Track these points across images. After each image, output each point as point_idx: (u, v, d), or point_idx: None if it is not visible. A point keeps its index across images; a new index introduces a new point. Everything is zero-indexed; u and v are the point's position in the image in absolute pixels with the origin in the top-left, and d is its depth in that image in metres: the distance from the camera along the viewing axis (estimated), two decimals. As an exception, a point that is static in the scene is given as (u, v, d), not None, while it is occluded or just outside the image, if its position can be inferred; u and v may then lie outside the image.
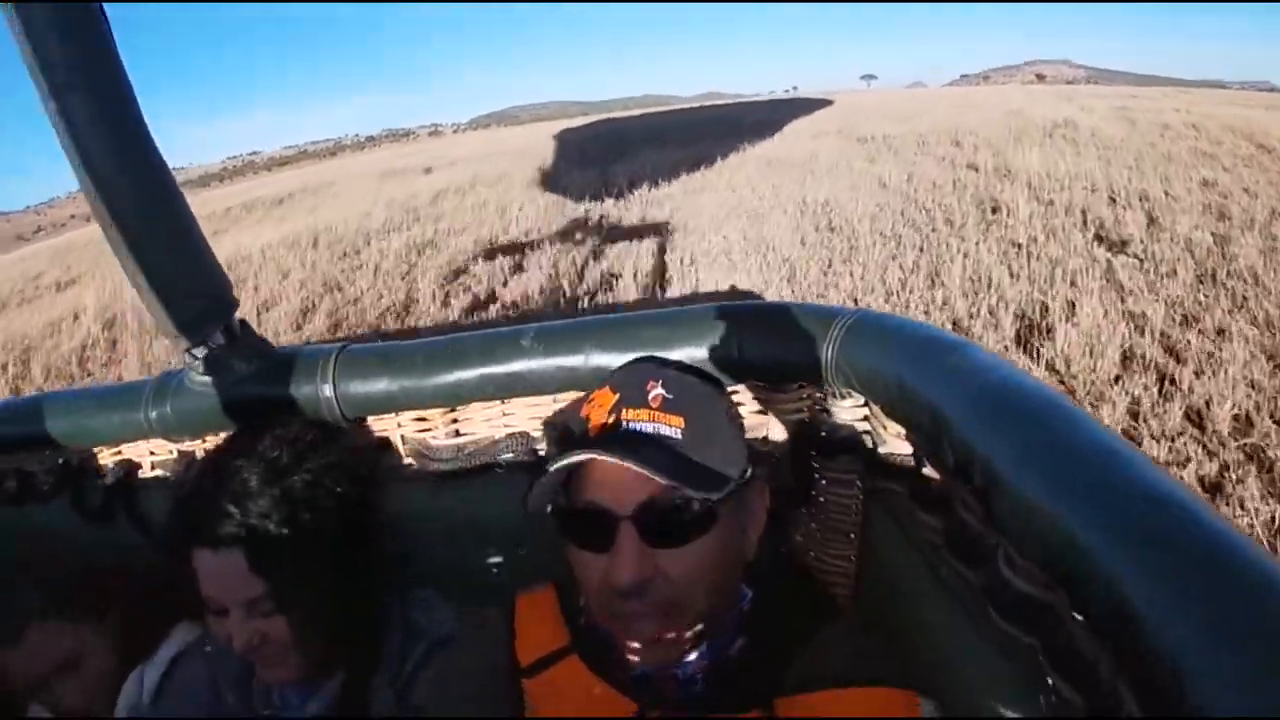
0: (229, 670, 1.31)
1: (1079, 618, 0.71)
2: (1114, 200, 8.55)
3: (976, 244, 7.33)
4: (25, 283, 15.44)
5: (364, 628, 1.29)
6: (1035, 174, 10.22)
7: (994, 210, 8.69)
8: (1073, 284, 5.93)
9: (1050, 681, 0.76)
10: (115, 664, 1.38)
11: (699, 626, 0.99)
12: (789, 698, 0.93)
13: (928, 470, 1.04)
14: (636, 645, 0.99)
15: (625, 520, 0.94)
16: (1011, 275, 6.34)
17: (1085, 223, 7.76)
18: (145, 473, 1.55)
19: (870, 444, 1.19)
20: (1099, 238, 7.25)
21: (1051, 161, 10.83)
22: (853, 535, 1.24)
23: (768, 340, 1.19)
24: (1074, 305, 5.50)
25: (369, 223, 13.34)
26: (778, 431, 1.28)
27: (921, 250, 7.43)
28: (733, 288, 6.93)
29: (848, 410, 1.21)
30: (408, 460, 1.44)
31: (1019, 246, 7.10)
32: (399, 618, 1.31)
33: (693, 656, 1.01)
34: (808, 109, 25.53)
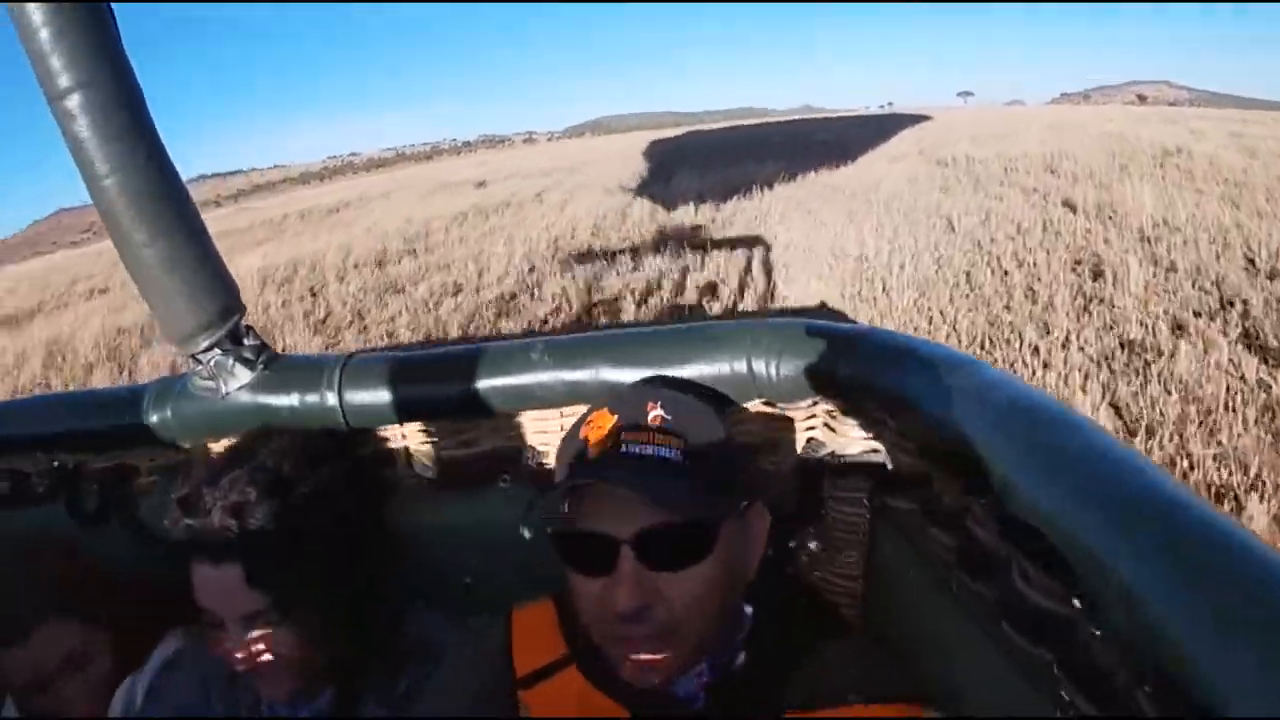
0: (218, 680, 1.29)
1: (1095, 631, 0.72)
2: (1252, 264, 6.10)
3: (1066, 340, 4.94)
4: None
5: (361, 641, 1.27)
6: (1148, 218, 8.19)
7: (1095, 275, 6.36)
8: (1216, 437, 3.53)
9: (1065, 696, 0.75)
10: (118, 668, 1.36)
11: (696, 648, 0.98)
12: (796, 713, 0.93)
13: (938, 486, 1.04)
14: (633, 669, 0.97)
15: (625, 545, 0.93)
16: (1121, 417, 3.90)
17: (1223, 303, 5.26)
18: (143, 478, 1.54)
19: (880, 461, 1.19)
20: (1248, 338, 4.64)
21: (1167, 201, 8.77)
22: (860, 553, 1.23)
23: (778, 357, 1.18)
24: (1236, 495, 3.16)
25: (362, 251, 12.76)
26: (786, 449, 1.27)
27: (982, 348, 5.11)
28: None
29: (857, 428, 1.20)
30: (412, 471, 1.43)
31: (1133, 350, 4.68)
32: (396, 630, 1.29)
33: (694, 674, 1.01)
34: (895, 126, 24.70)
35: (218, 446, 1.41)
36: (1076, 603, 0.74)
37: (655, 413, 0.99)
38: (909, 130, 23.30)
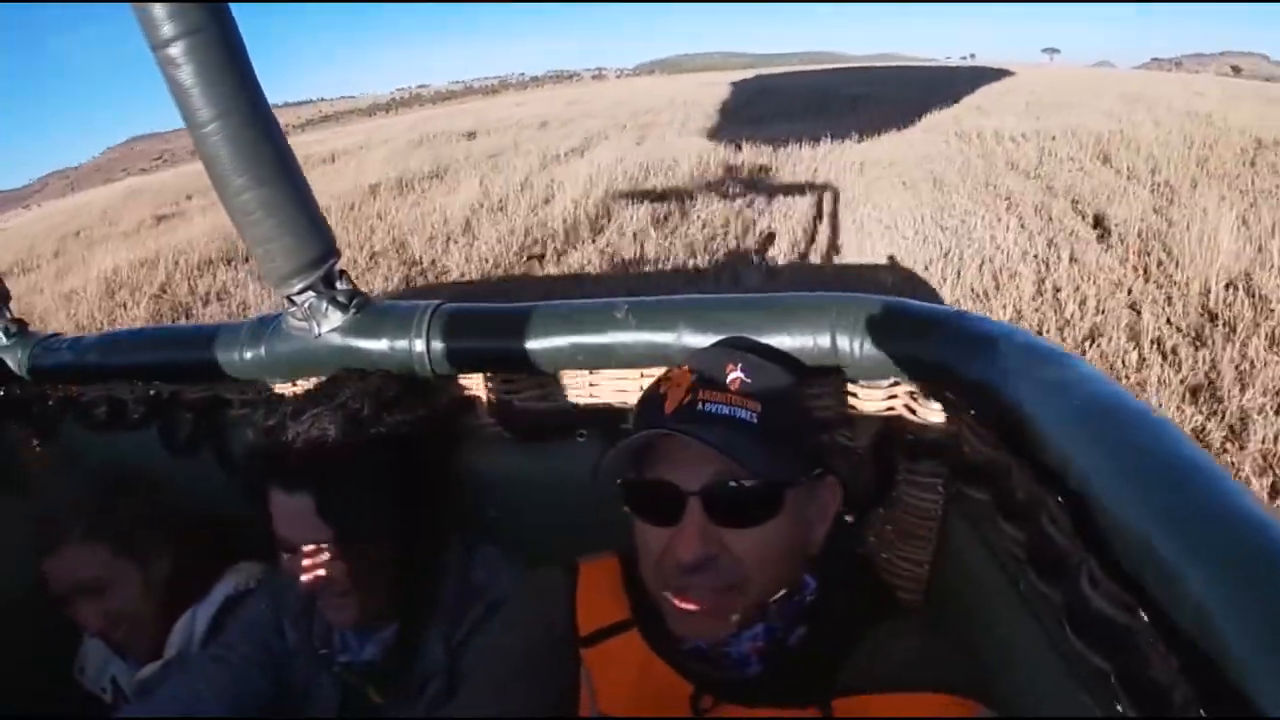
0: (292, 607, 1.36)
1: (1159, 645, 0.70)
2: None
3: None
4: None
5: (426, 580, 1.32)
6: (1219, 271, 5.06)
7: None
8: None
9: (1121, 710, 0.75)
10: (149, 604, 1.45)
11: (753, 609, 0.99)
12: (847, 697, 0.93)
13: (1015, 480, 1.02)
14: (686, 615, 0.99)
15: (693, 497, 0.96)
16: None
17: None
18: (234, 411, 1.60)
19: (958, 449, 1.17)
20: None
21: (1256, 237, 5.63)
22: (930, 540, 1.23)
23: (861, 333, 1.17)
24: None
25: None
26: (863, 427, 1.26)
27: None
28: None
29: (937, 412, 1.19)
30: (491, 420, 1.46)
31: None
32: (462, 574, 1.33)
33: (746, 637, 1.01)
34: (954, 83, 21.35)
35: (307, 384, 1.46)
36: (1143, 614, 0.72)
37: (734, 374, 1.00)
38: (965, 89, 19.92)
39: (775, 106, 19.15)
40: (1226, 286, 5.01)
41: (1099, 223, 6.94)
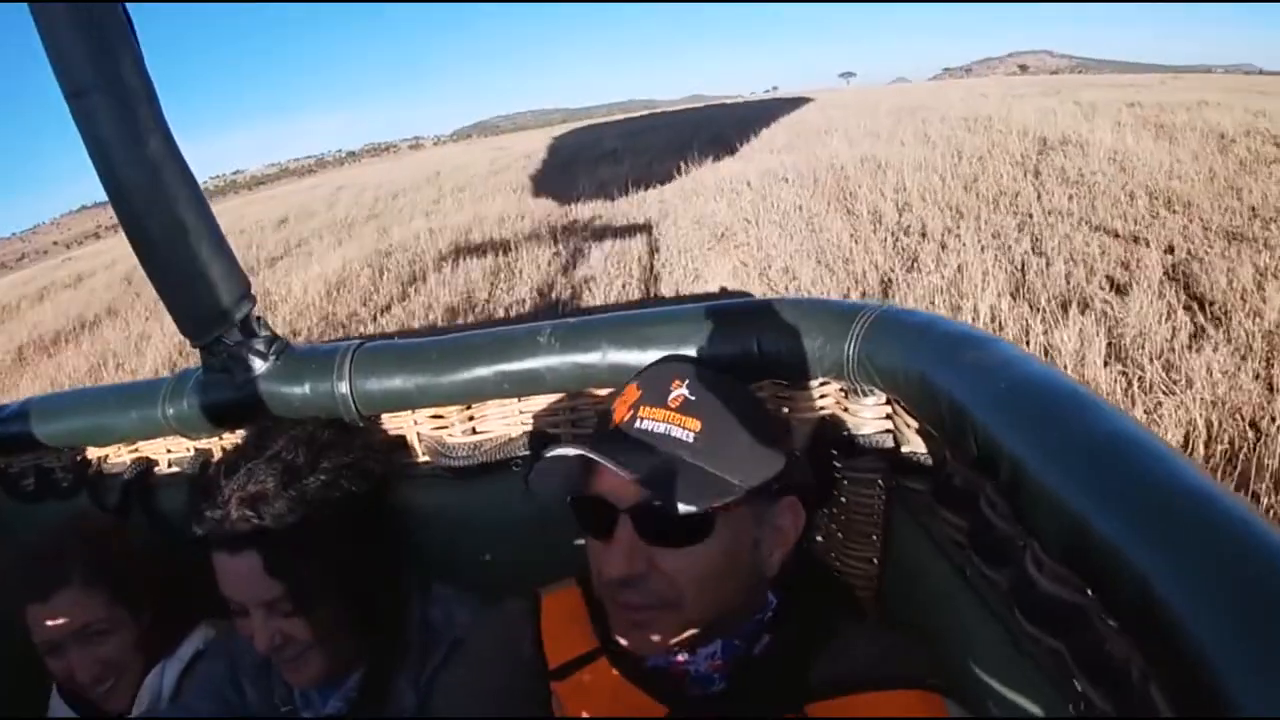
0: (250, 667, 1.32)
1: (1109, 620, 0.69)
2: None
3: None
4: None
5: (384, 626, 1.29)
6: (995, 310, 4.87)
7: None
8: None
9: (1078, 687, 0.74)
10: (138, 656, 1.40)
11: (698, 630, 0.99)
12: (820, 702, 0.93)
13: (952, 468, 1.02)
14: (623, 633, 1.00)
15: (623, 514, 0.96)
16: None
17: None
18: (162, 469, 1.56)
19: (893, 442, 1.18)
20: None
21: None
22: (875, 536, 1.23)
23: (788, 336, 1.17)
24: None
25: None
26: (799, 429, 1.26)
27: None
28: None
29: (870, 408, 1.19)
30: (424, 458, 1.44)
31: None
32: (419, 616, 1.31)
33: (703, 655, 1.01)
34: (723, 123, 20.87)
35: (234, 436, 1.42)
36: (1090, 591, 0.72)
37: (679, 392, 1.00)
38: (731, 129, 18.32)
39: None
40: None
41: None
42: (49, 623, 1.33)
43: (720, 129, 19.56)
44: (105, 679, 1.37)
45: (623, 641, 1.00)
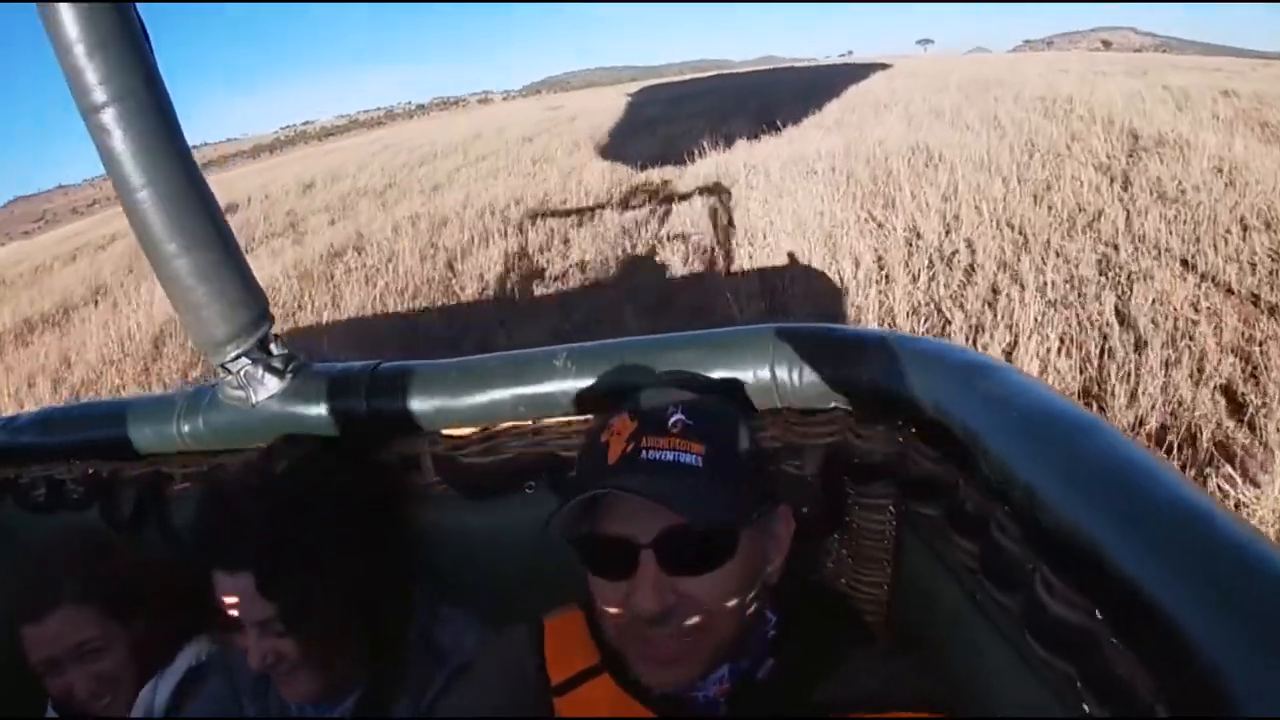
0: (247, 683, 1.32)
1: (1118, 643, 0.70)
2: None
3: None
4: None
5: (384, 647, 1.29)
6: None
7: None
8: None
9: (1088, 710, 0.75)
10: (133, 666, 1.40)
11: (717, 653, 0.99)
12: None
13: (963, 494, 1.03)
14: (653, 671, 0.99)
15: (645, 549, 0.95)
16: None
17: None
18: (176, 485, 1.57)
19: (904, 468, 1.18)
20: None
21: None
22: (886, 562, 1.23)
23: (800, 363, 1.18)
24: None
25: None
26: (810, 456, 1.26)
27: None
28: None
29: (881, 434, 1.19)
30: (437, 479, 1.44)
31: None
32: (424, 638, 1.31)
33: (712, 680, 1.01)
34: (782, 91, 19.93)
35: (246, 454, 1.42)
36: (1099, 614, 0.73)
37: (676, 418, 1.00)
38: (788, 101, 17.01)
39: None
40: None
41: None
42: (44, 643, 1.35)
43: (773, 98, 18.82)
44: (103, 695, 1.38)
45: (652, 682, 1.00)
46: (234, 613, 1.19)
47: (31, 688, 1.39)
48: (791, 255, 6.43)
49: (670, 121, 17.07)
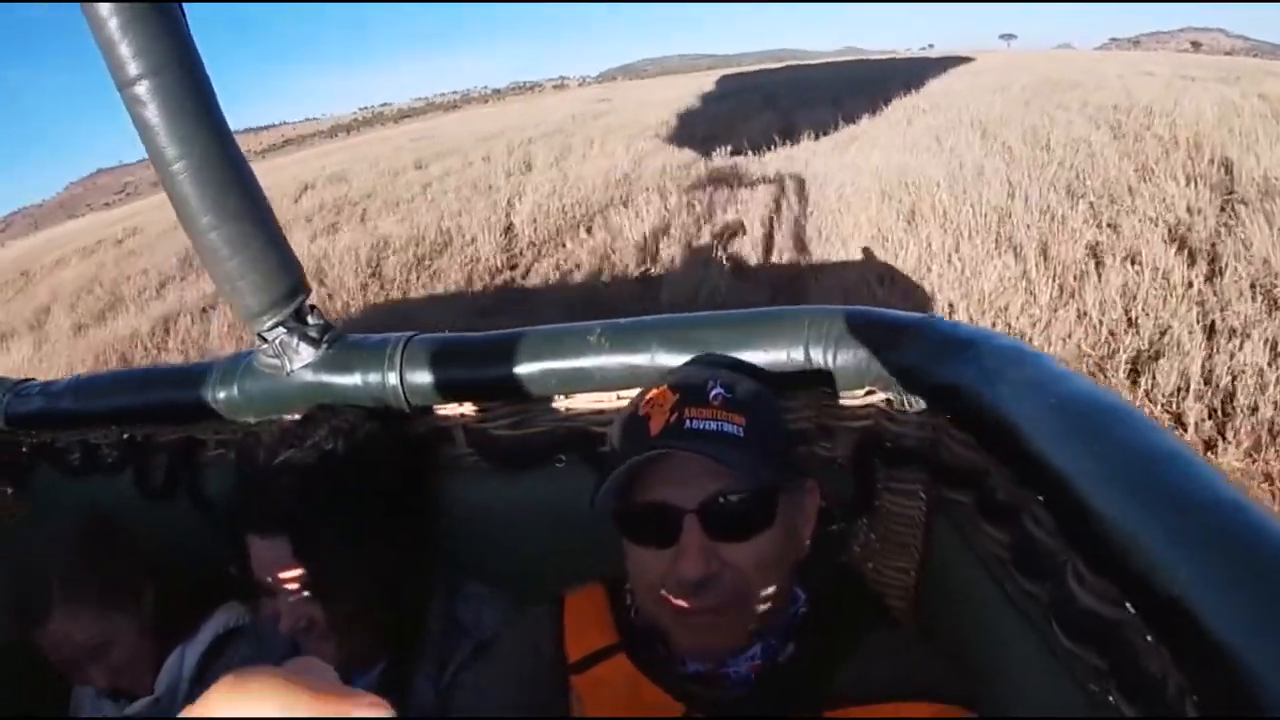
0: (276, 650, 1.34)
1: (1148, 636, 0.70)
2: None
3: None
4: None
5: (408, 620, 1.31)
6: None
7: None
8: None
9: (1115, 703, 0.74)
10: (147, 643, 1.42)
11: (756, 625, 1.00)
12: (837, 710, 0.93)
13: (995, 481, 1.02)
14: (691, 640, 1.00)
15: (690, 514, 0.95)
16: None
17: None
18: (209, 452, 1.58)
19: (937, 454, 1.17)
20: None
21: None
22: (914, 547, 1.23)
23: (834, 344, 1.18)
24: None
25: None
26: (842, 438, 1.26)
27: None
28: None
29: (914, 418, 1.19)
30: (468, 450, 1.44)
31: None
32: (446, 613, 1.32)
33: (745, 657, 1.01)
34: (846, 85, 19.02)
35: (282, 422, 1.44)
36: (1130, 607, 0.72)
37: (715, 390, 1.00)
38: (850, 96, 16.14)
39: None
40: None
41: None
42: (53, 647, 1.36)
43: (816, 95, 18.11)
44: (123, 678, 1.40)
45: (693, 647, 1.01)
46: (265, 577, 1.21)
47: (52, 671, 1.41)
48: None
49: (707, 120, 16.46)
